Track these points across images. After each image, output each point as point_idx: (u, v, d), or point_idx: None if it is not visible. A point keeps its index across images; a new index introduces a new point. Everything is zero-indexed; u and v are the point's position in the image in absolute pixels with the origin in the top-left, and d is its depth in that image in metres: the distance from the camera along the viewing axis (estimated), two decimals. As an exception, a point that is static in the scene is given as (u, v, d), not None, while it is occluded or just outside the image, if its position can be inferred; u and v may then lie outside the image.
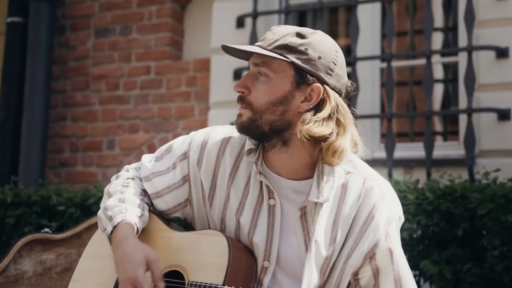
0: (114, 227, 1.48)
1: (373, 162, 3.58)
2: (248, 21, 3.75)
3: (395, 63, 3.87)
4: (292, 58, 1.43)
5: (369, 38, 3.72)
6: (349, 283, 1.47)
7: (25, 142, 4.04)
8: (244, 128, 1.47)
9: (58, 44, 4.47)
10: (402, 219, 1.51)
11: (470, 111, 3.14)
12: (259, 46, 1.45)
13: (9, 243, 3.17)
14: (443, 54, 3.75)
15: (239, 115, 1.48)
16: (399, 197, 2.64)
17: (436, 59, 3.80)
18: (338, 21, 4.52)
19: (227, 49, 1.46)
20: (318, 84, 1.44)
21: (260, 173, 1.48)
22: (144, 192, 1.57)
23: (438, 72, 4.31)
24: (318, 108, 1.44)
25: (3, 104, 4.18)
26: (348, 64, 3.65)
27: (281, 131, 1.45)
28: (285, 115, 1.44)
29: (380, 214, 1.43)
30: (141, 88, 4.23)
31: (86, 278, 1.56)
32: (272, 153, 1.48)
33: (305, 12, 4.23)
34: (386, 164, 3.34)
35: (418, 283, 2.72)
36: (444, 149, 3.45)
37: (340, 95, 1.48)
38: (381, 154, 3.51)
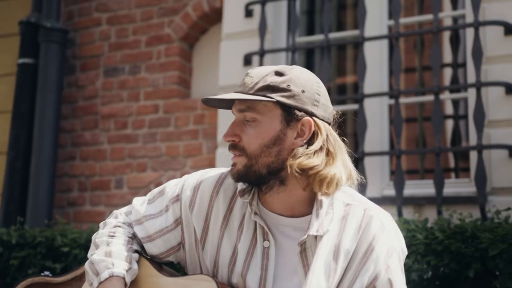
0: (101, 283, 1.43)
1: (382, 200, 3.53)
2: (255, 59, 3.76)
3: (404, 100, 3.84)
4: (276, 97, 1.41)
5: (377, 75, 3.70)
6: None
7: (33, 182, 4.04)
8: (241, 176, 1.44)
9: (67, 83, 4.51)
10: (405, 251, 1.46)
11: (480, 148, 3.09)
12: (239, 92, 1.44)
13: (12, 285, 3.13)
14: (452, 90, 3.72)
15: (234, 165, 1.45)
16: (408, 237, 2.60)
17: (446, 95, 3.77)
18: (346, 57, 4.52)
19: (208, 102, 1.46)
20: (308, 118, 1.43)
21: (256, 213, 1.44)
22: (133, 239, 1.53)
23: (449, 107, 4.27)
24: (310, 141, 1.43)
25: (12, 144, 4.19)
26: (356, 101, 3.66)
27: (278, 171, 1.43)
28: (280, 155, 1.42)
29: (381, 246, 1.39)
30: (149, 127, 4.23)
31: None
32: (270, 195, 1.45)
33: (312, 49, 4.23)
34: (395, 202, 3.28)
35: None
36: (455, 186, 3.38)
37: (329, 124, 1.45)
38: (391, 191, 3.45)
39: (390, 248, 1.40)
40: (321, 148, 1.41)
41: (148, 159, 4.19)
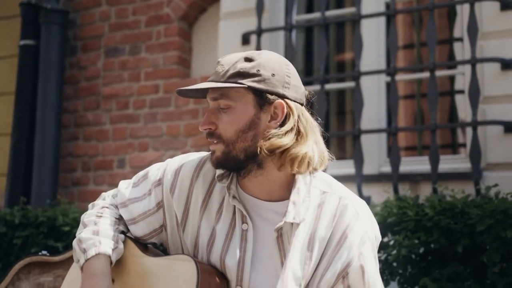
0: (87, 260, 1.49)
1: (379, 177, 3.56)
2: (253, 38, 3.77)
3: (402, 77, 3.84)
4: (247, 82, 1.44)
5: (374, 52, 3.71)
6: None
7: (38, 162, 4.10)
8: (220, 162, 1.48)
9: (69, 65, 4.55)
10: (379, 239, 1.49)
11: (475, 124, 3.10)
12: (212, 81, 1.46)
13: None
14: (449, 66, 3.71)
15: (213, 152, 1.49)
16: (399, 213, 2.64)
17: (444, 71, 3.76)
18: (345, 35, 4.51)
19: (183, 93, 1.49)
20: (280, 100, 1.46)
21: (234, 197, 1.48)
22: (119, 220, 1.58)
23: (446, 84, 4.27)
24: (283, 123, 1.46)
25: (16, 125, 4.25)
26: (352, 78, 3.67)
27: (255, 155, 1.46)
28: (256, 138, 1.46)
29: (354, 234, 1.43)
30: (150, 107, 4.27)
31: None
32: (249, 178, 1.48)
33: (310, 27, 4.23)
34: (392, 179, 3.31)
35: (421, 300, 2.68)
36: (451, 162, 3.40)
37: (301, 104, 1.48)
38: (388, 169, 3.47)
39: (364, 236, 1.44)
40: (291, 129, 1.44)
41: (149, 138, 4.24)
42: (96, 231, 1.53)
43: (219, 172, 1.50)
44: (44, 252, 2.40)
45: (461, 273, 2.41)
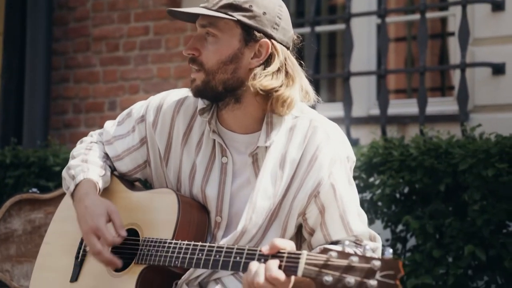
0: (76, 185, 1.52)
1: (368, 120, 3.59)
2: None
3: (393, 19, 3.82)
4: (237, 16, 1.45)
5: (365, -6, 3.67)
6: (302, 226, 1.50)
7: (28, 104, 4.11)
8: (199, 91, 1.50)
9: (58, 5, 4.48)
10: (353, 159, 1.52)
11: (463, 66, 3.11)
12: (204, 7, 1.47)
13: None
14: (440, 8, 3.69)
15: (193, 80, 1.51)
16: (384, 154, 2.68)
17: (435, 13, 3.74)
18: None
19: (173, 14, 1.49)
20: (266, 40, 1.46)
21: (214, 131, 1.51)
22: (107, 156, 1.62)
23: (438, 27, 4.25)
24: (267, 63, 1.47)
25: (5, 67, 4.24)
26: (343, 20, 3.64)
27: (234, 89, 1.48)
28: (236, 73, 1.47)
29: (324, 154, 1.46)
30: (141, 49, 4.25)
31: (56, 240, 1.63)
32: (226, 111, 1.51)
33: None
34: (380, 121, 3.34)
35: (405, 237, 2.75)
36: (439, 105, 3.43)
37: (287, 48, 1.50)
38: (376, 111, 3.50)
39: (334, 156, 1.47)
40: (279, 70, 1.46)
41: (140, 81, 4.23)
42: (85, 160, 1.59)
43: (200, 106, 1.53)
44: (34, 189, 2.44)
45: (443, 211, 2.48)
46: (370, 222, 2.76)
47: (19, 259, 2.37)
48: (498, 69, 3.12)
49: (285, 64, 1.47)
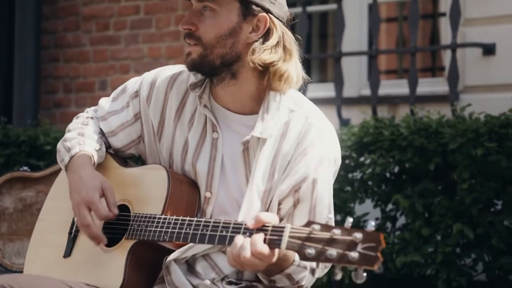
0: (72, 157, 1.52)
1: (359, 100, 3.60)
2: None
3: (384, -1, 3.81)
4: None
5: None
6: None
7: (18, 83, 4.09)
8: (195, 65, 1.49)
9: (47, -16, 4.44)
10: (339, 162, 1.53)
11: (454, 47, 3.12)
12: None
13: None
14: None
15: (188, 54, 1.49)
16: (375, 133, 2.69)
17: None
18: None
19: None
20: (264, 14, 1.46)
21: (205, 106, 1.51)
22: (102, 132, 1.62)
23: (429, 8, 4.25)
24: (265, 37, 1.46)
25: (-6, 45, 4.20)
26: (334, 0, 3.63)
27: (231, 63, 1.47)
28: (234, 47, 1.46)
29: (314, 152, 1.47)
30: (131, 28, 4.22)
31: (50, 217, 1.64)
32: (221, 87, 1.50)
33: None
34: (371, 101, 3.35)
35: (394, 216, 2.78)
36: (429, 85, 3.44)
37: (283, 23, 1.50)
38: (367, 91, 3.51)
39: (324, 155, 1.47)
40: (277, 44, 1.45)
41: (130, 60, 4.21)
42: (82, 133, 1.59)
43: (192, 80, 1.52)
44: (25, 168, 2.44)
45: (432, 190, 2.50)
46: (361, 201, 2.78)
47: (10, 237, 2.38)
48: (488, 50, 3.13)
49: (283, 38, 1.47)
